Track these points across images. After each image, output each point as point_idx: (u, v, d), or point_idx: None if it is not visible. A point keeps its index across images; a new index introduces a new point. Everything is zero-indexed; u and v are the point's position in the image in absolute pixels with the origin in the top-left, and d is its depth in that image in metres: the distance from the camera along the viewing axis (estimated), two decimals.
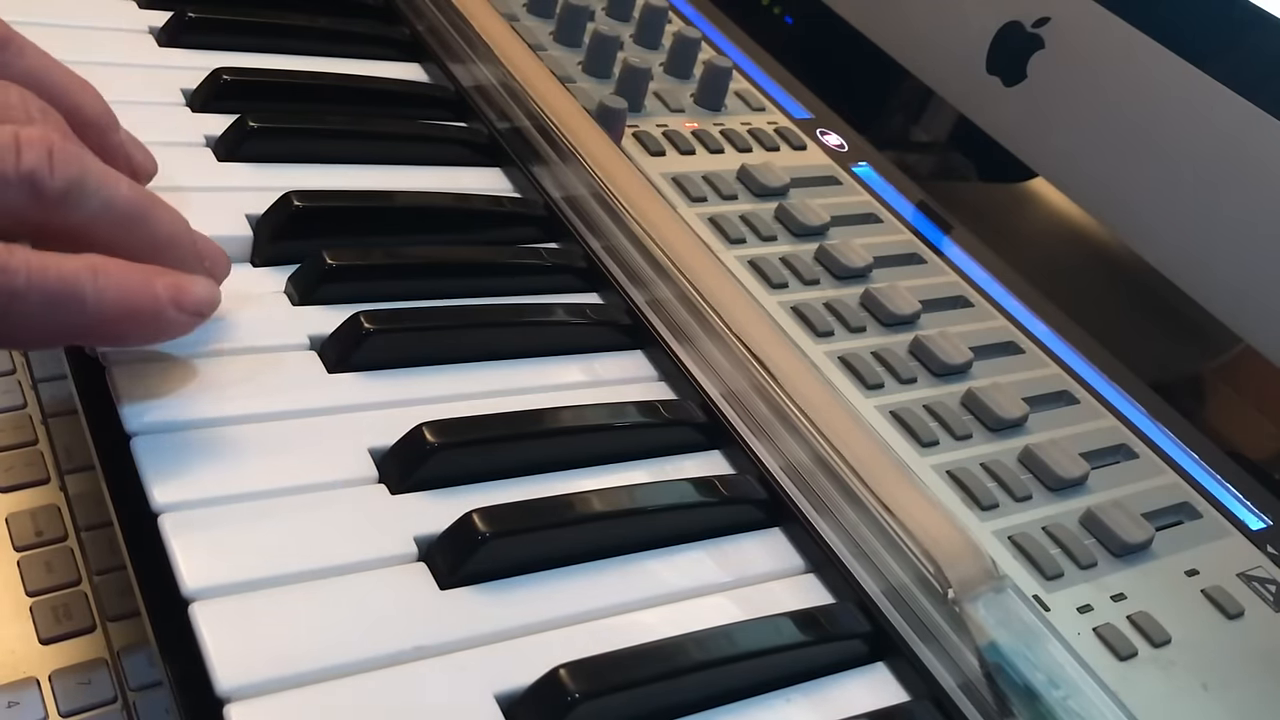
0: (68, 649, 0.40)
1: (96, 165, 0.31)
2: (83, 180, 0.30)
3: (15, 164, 0.29)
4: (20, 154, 0.29)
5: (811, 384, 0.38)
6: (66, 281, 0.29)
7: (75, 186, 0.30)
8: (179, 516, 0.30)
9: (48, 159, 0.29)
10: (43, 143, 0.29)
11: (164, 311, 0.31)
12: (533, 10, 0.57)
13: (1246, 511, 0.42)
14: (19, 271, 0.28)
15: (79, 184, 0.30)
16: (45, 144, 0.29)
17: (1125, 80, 0.50)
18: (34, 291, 0.29)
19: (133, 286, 0.31)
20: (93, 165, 0.30)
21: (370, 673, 0.28)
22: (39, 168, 0.29)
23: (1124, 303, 0.60)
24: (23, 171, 0.29)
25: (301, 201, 0.40)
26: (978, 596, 0.33)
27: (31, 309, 0.29)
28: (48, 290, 0.29)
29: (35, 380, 0.49)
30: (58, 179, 0.29)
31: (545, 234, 0.46)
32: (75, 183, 0.30)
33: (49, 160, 0.29)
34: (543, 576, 0.32)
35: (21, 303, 0.28)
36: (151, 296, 0.31)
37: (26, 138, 0.29)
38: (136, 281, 0.31)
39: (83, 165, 0.30)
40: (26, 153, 0.29)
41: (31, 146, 0.29)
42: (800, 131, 0.55)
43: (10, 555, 0.42)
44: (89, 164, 0.30)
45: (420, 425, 0.34)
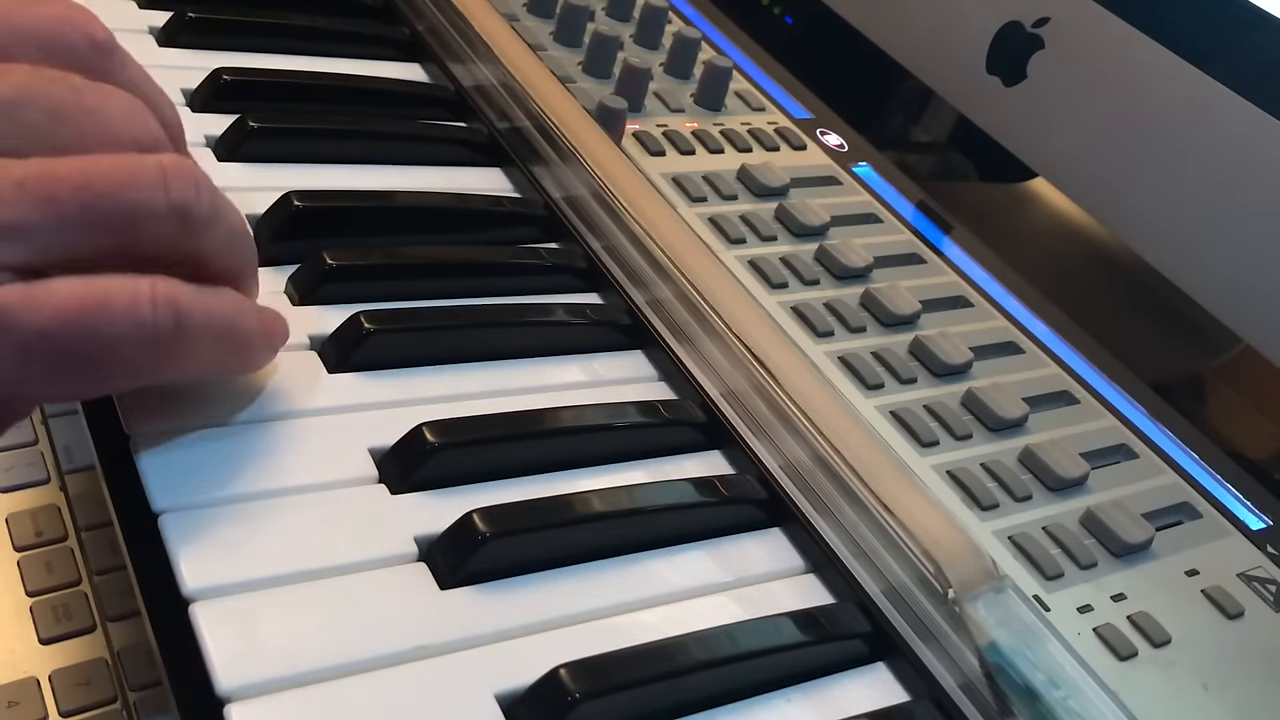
0: (68, 649, 0.40)
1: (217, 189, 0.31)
2: (216, 206, 0.30)
3: (165, 197, 0.28)
4: (169, 186, 0.29)
5: (811, 384, 0.38)
6: (230, 321, 0.30)
7: (214, 214, 0.30)
8: (179, 516, 0.30)
9: (194, 189, 0.29)
10: (189, 171, 0.29)
11: (265, 351, 0.33)
12: (533, 10, 0.57)
13: (1246, 511, 0.42)
14: (197, 313, 0.29)
15: (213, 211, 0.30)
16: (191, 173, 0.29)
17: (1125, 80, 0.50)
18: (210, 329, 0.29)
19: (259, 327, 0.32)
20: (217, 190, 0.30)
21: (370, 672, 0.28)
22: (189, 198, 0.29)
23: (1124, 303, 0.60)
24: (174, 203, 0.29)
25: (301, 201, 0.40)
26: (978, 596, 0.33)
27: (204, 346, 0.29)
28: (216, 330, 0.30)
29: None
30: (203, 207, 0.29)
31: (545, 234, 0.46)
32: (215, 210, 0.30)
33: (195, 190, 0.29)
34: (543, 576, 0.32)
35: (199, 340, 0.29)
36: (268, 336, 0.33)
37: (172, 167, 0.29)
38: (256, 321, 0.32)
39: (214, 191, 0.30)
40: (174, 185, 0.29)
41: (179, 177, 0.29)
42: (800, 131, 0.55)
43: (10, 555, 0.42)
44: (216, 189, 0.30)
45: (420, 425, 0.34)
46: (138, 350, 0.28)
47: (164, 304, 0.28)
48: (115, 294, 0.27)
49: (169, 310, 0.28)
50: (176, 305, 0.28)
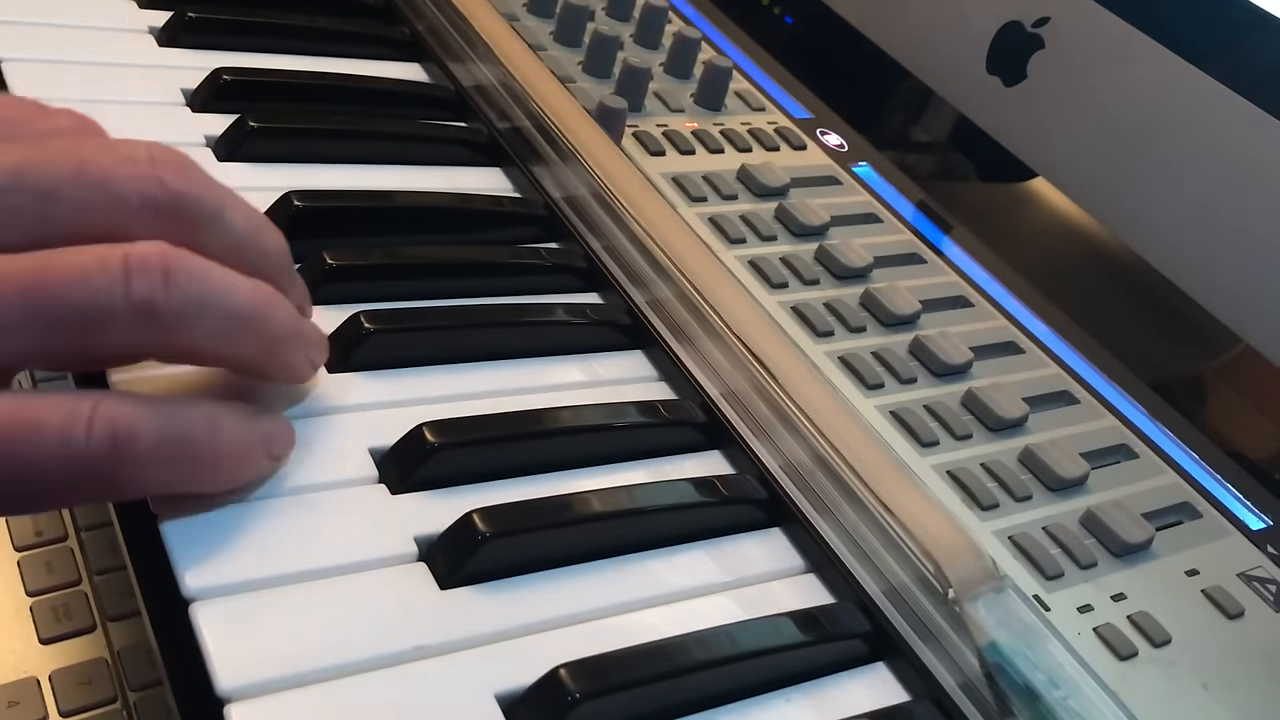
0: (68, 649, 0.40)
1: (215, 274, 0.28)
2: (200, 298, 0.27)
3: (125, 294, 0.26)
4: (130, 281, 0.26)
5: (811, 384, 0.38)
6: (192, 443, 0.28)
7: (191, 307, 0.27)
8: (179, 516, 0.30)
9: (162, 281, 0.26)
10: (157, 261, 0.26)
11: (260, 463, 0.31)
12: (533, 10, 0.57)
13: (1246, 511, 0.42)
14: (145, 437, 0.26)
15: (196, 304, 0.27)
16: (159, 263, 0.26)
17: (1125, 80, 0.50)
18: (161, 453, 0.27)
19: (243, 440, 0.29)
20: (212, 276, 0.28)
21: (370, 673, 0.28)
22: (152, 294, 0.26)
23: (1124, 303, 0.60)
24: (135, 300, 0.26)
25: (302, 201, 0.40)
26: (978, 596, 0.33)
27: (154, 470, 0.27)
28: (172, 453, 0.27)
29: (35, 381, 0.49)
30: (173, 301, 0.27)
31: (545, 234, 0.46)
32: (192, 302, 0.27)
33: (164, 282, 0.26)
34: (543, 576, 0.32)
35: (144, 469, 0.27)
36: (252, 449, 0.30)
37: (138, 259, 0.26)
38: (245, 433, 0.30)
39: (204, 280, 0.27)
40: (138, 278, 0.26)
41: (145, 270, 0.26)
42: (800, 131, 0.55)
43: (10, 555, 0.42)
44: (208, 276, 0.28)
45: (420, 425, 0.34)
46: (68, 479, 0.26)
47: (101, 428, 0.26)
48: (47, 418, 0.25)
49: (105, 436, 0.26)
50: (114, 430, 0.26)
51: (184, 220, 0.29)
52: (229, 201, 0.30)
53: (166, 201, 0.28)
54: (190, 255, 0.28)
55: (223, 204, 0.30)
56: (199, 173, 0.29)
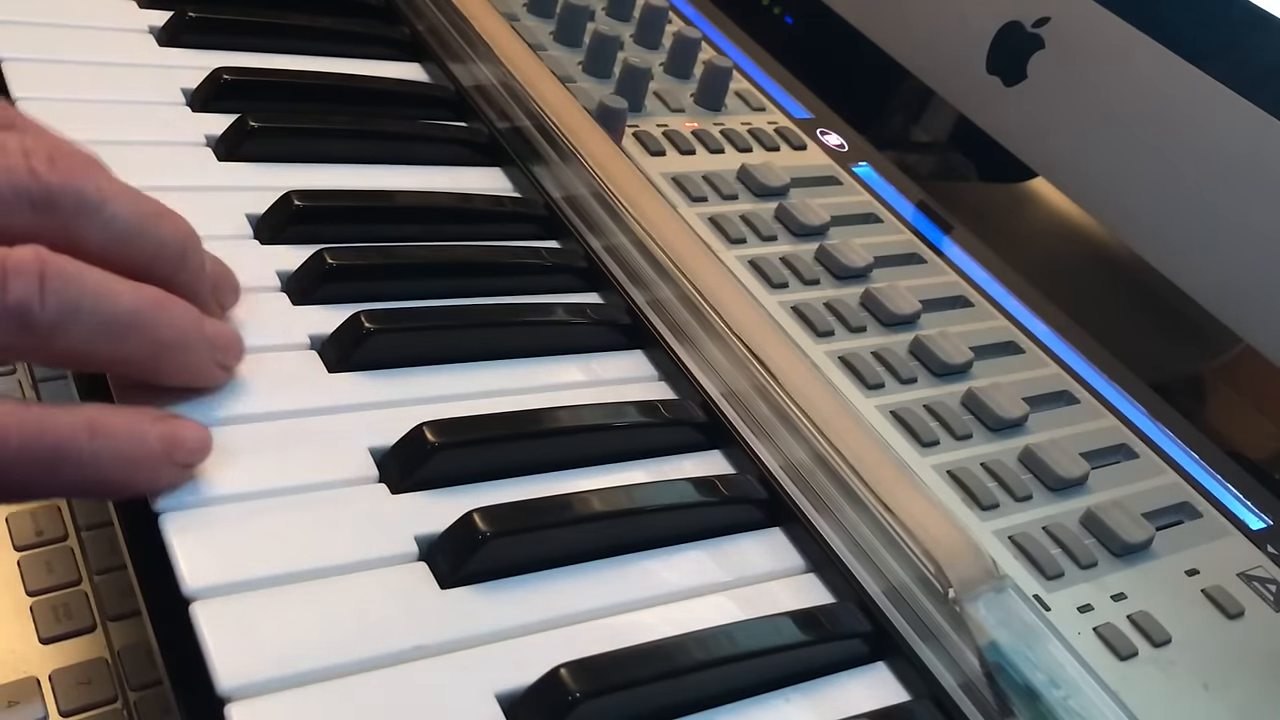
0: (68, 649, 0.40)
1: (93, 280, 0.28)
2: (78, 303, 0.27)
3: (1, 297, 0.26)
4: (6, 285, 0.26)
5: (811, 384, 0.38)
6: (61, 448, 0.27)
7: (69, 313, 0.27)
8: (179, 516, 0.30)
9: (37, 287, 0.26)
10: (33, 266, 0.27)
11: (158, 468, 0.30)
12: (533, 10, 0.57)
13: (1246, 511, 0.42)
14: (9, 438, 0.26)
15: (73, 309, 0.27)
16: (36, 267, 0.27)
17: (1125, 80, 0.50)
18: (25, 457, 0.27)
19: (129, 445, 0.29)
20: (89, 282, 0.28)
21: (371, 672, 0.28)
22: (27, 299, 0.26)
23: (1124, 303, 0.60)
24: (10, 305, 0.26)
25: (301, 201, 0.40)
26: (978, 596, 0.33)
27: (21, 474, 0.27)
28: (40, 456, 0.27)
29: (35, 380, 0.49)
30: (49, 308, 0.27)
31: (545, 233, 0.46)
32: (69, 308, 0.27)
33: (39, 287, 0.26)
34: (543, 576, 0.32)
35: (8, 470, 0.26)
36: (147, 454, 0.29)
37: (15, 263, 0.26)
38: (133, 438, 0.29)
39: (80, 285, 0.27)
40: (14, 282, 0.26)
41: (20, 274, 0.26)
42: (800, 131, 0.55)
43: (10, 555, 0.42)
44: (86, 282, 0.28)
45: (420, 425, 0.34)
46: None
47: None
48: None
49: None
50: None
51: (60, 213, 0.28)
52: (112, 192, 0.29)
53: (40, 194, 0.28)
54: (68, 260, 0.27)
55: (103, 195, 0.29)
56: (79, 162, 0.29)
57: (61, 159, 0.29)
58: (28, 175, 0.28)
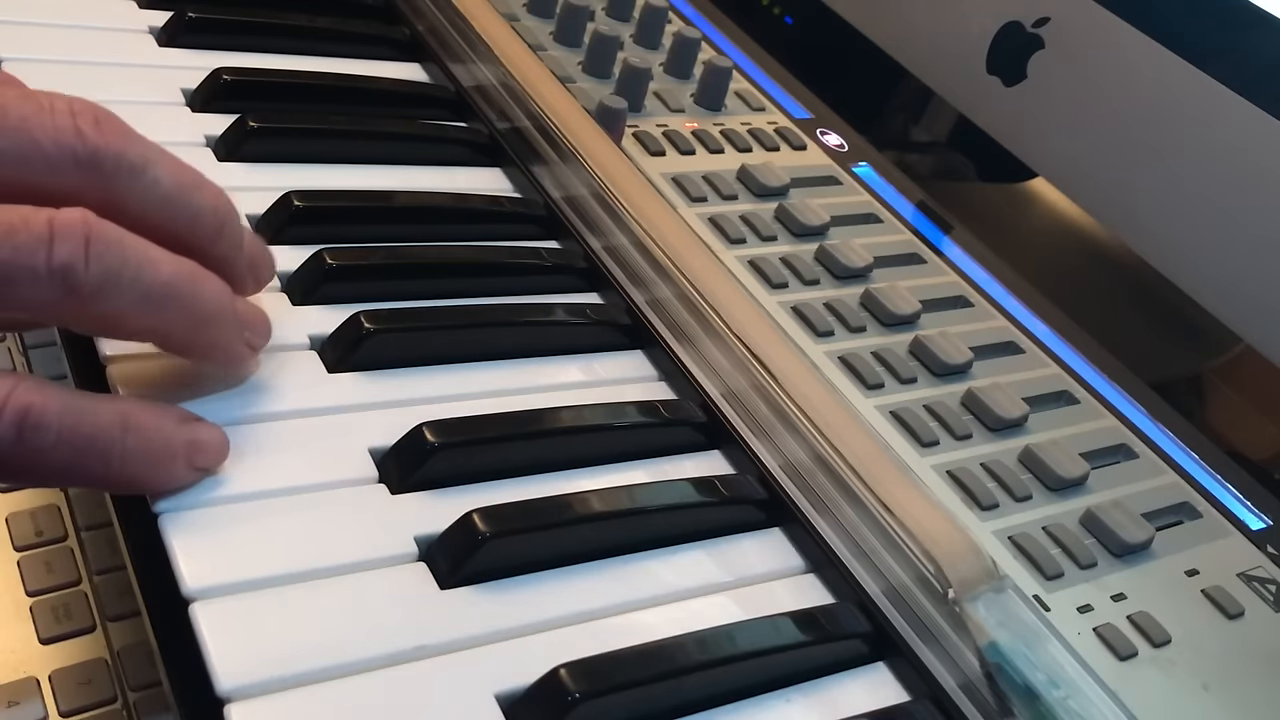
0: (68, 649, 0.40)
1: (136, 247, 0.28)
2: (120, 270, 0.27)
3: (47, 257, 0.26)
4: (53, 246, 0.26)
5: (811, 384, 0.38)
6: (98, 440, 0.28)
7: (112, 278, 0.27)
8: (179, 516, 0.30)
9: (83, 250, 0.26)
10: (80, 229, 0.27)
11: (178, 470, 0.30)
12: (533, 10, 0.57)
13: (1246, 511, 0.42)
14: (50, 428, 0.26)
15: (115, 275, 0.27)
16: (82, 231, 0.27)
17: (1125, 80, 0.50)
18: (62, 448, 0.27)
19: (158, 444, 0.29)
20: (132, 249, 0.28)
21: (370, 672, 0.28)
22: (73, 261, 0.26)
23: (1124, 303, 0.60)
24: (55, 266, 0.26)
25: (301, 201, 0.40)
26: (978, 596, 0.33)
27: (54, 463, 0.27)
28: (77, 448, 0.27)
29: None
30: (93, 272, 0.27)
31: (545, 234, 0.46)
32: (112, 274, 0.27)
33: (84, 251, 0.26)
34: (543, 576, 0.32)
35: (46, 458, 0.27)
36: (171, 455, 0.29)
37: (62, 225, 0.26)
38: (162, 438, 0.29)
39: (122, 251, 0.27)
40: (60, 245, 0.26)
41: (67, 237, 0.26)
42: (800, 131, 0.55)
43: (10, 555, 0.42)
44: (129, 248, 0.28)
45: (420, 425, 0.34)
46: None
47: (11, 414, 0.26)
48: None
49: (13, 421, 0.26)
50: (23, 417, 0.26)
51: (104, 174, 0.28)
52: (155, 158, 0.30)
53: (85, 154, 0.28)
54: (112, 226, 0.28)
55: (147, 159, 0.29)
56: (121, 126, 0.29)
57: (106, 122, 0.29)
58: (74, 135, 0.28)
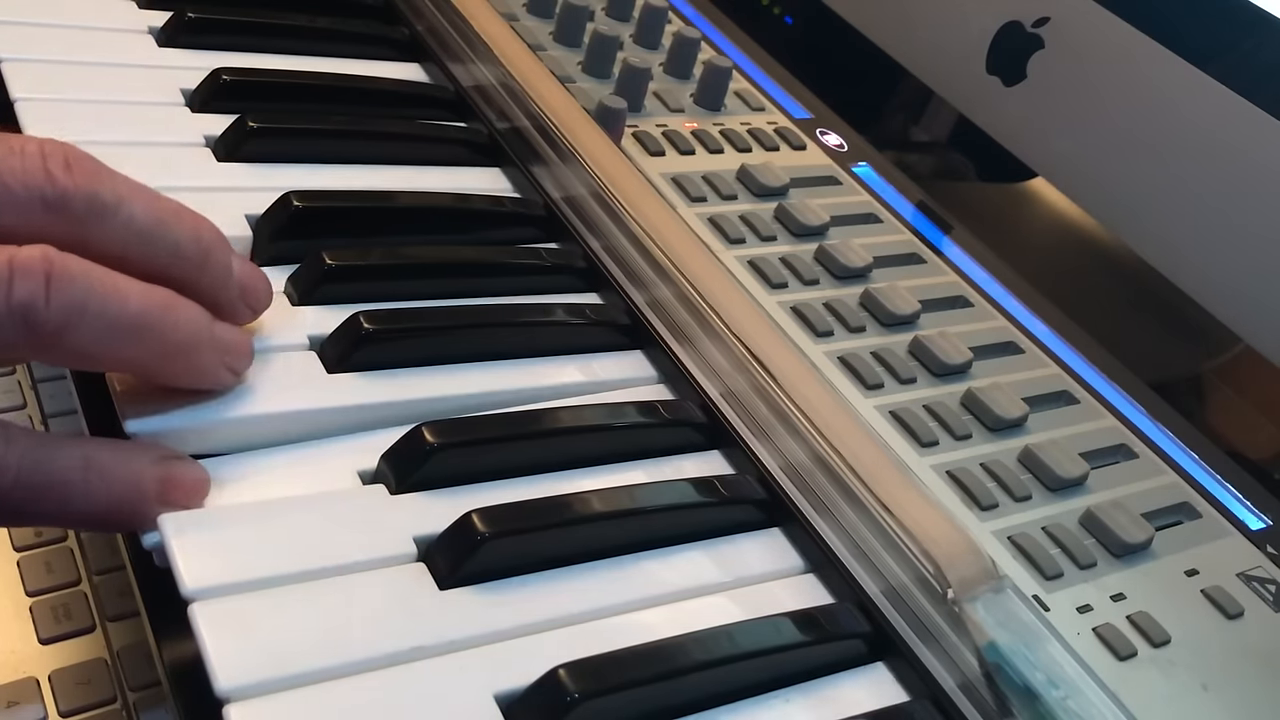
0: (68, 649, 0.40)
1: (102, 280, 0.28)
2: (84, 305, 0.27)
3: (6, 296, 0.26)
4: (12, 284, 0.26)
5: (811, 384, 0.38)
6: (54, 484, 0.28)
7: (75, 313, 0.27)
8: (178, 517, 0.30)
9: (43, 287, 0.26)
10: (39, 266, 0.26)
11: (149, 509, 0.30)
12: (533, 10, 0.57)
13: (1246, 511, 0.42)
14: (7, 471, 0.27)
15: (79, 310, 0.27)
16: (42, 268, 0.26)
17: (1125, 80, 0.50)
18: (19, 489, 0.27)
19: (121, 485, 0.29)
20: (98, 282, 0.28)
21: (370, 673, 0.28)
22: (32, 299, 0.26)
23: (1124, 303, 0.60)
24: (15, 304, 0.26)
25: (301, 201, 0.40)
26: (977, 596, 0.33)
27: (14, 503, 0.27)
28: (35, 488, 0.27)
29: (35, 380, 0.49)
30: (54, 309, 0.27)
31: (545, 234, 0.46)
32: (75, 309, 0.27)
33: (45, 288, 0.26)
34: (543, 576, 0.32)
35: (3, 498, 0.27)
36: (140, 496, 0.29)
37: (21, 263, 0.26)
38: (127, 479, 0.29)
39: (87, 285, 0.27)
40: (20, 282, 0.26)
41: (27, 274, 0.26)
42: (800, 131, 0.55)
43: (10, 555, 0.42)
44: (93, 283, 0.27)
45: (420, 425, 0.34)
46: None
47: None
48: None
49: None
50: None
51: (74, 216, 0.28)
52: (127, 194, 0.29)
53: (54, 196, 0.28)
54: (76, 260, 0.27)
55: (119, 197, 0.29)
56: (93, 166, 0.29)
57: (77, 163, 0.28)
58: (43, 176, 0.28)
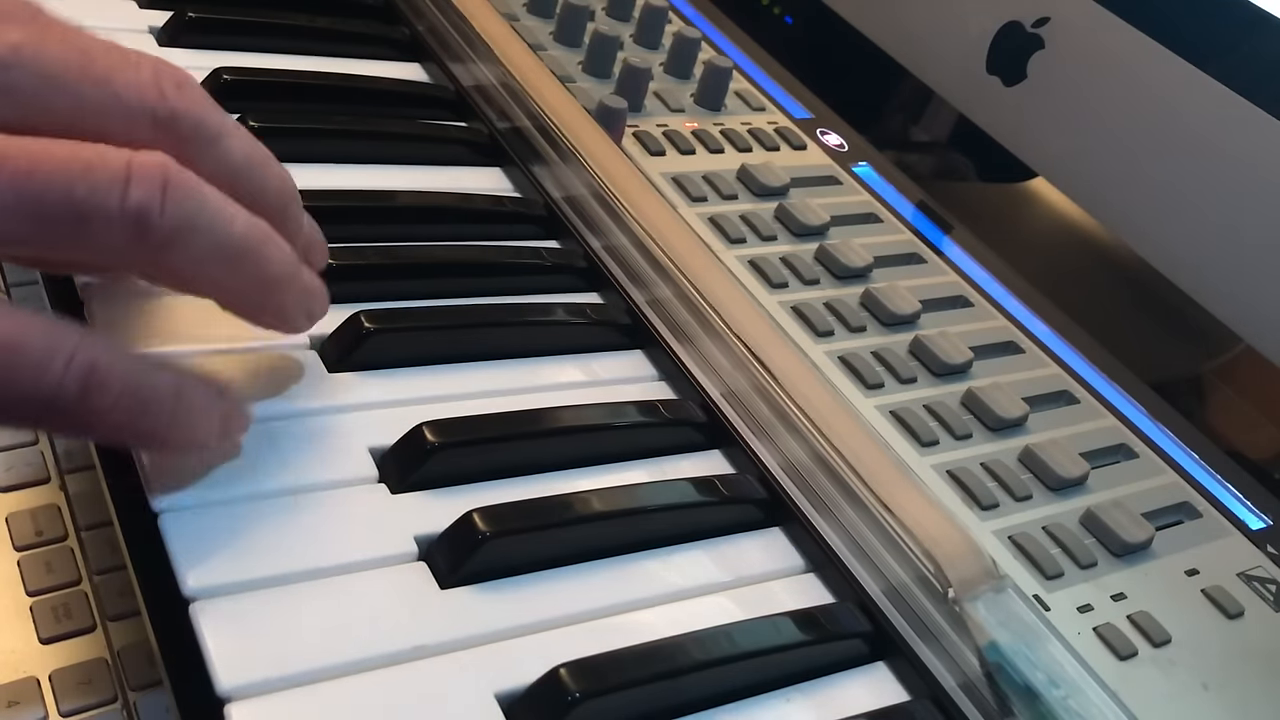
0: (68, 649, 0.40)
1: (213, 199, 0.27)
2: (195, 218, 0.27)
3: (122, 198, 0.25)
4: (129, 186, 0.25)
5: (811, 384, 0.38)
6: (151, 407, 0.27)
7: (186, 225, 0.26)
8: (179, 516, 0.30)
9: (159, 194, 0.26)
10: (158, 173, 0.26)
11: (211, 439, 0.30)
12: (533, 10, 0.57)
13: (1246, 511, 0.42)
14: (111, 389, 0.26)
15: (190, 223, 0.27)
16: (160, 175, 0.26)
17: (1125, 80, 0.50)
18: (119, 411, 0.26)
19: (203, 419, 0.29)
20: (210, 200, 0.27)
21: (370, 672, 0.28)
22: (149, 203, 0.26)
23: (1124, 303, 0.60)
24: (129, 207, 0.25)
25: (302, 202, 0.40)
26: (978, 596, 0.33)
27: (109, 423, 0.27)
28: (132, 411, 0.27)
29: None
30: (168, 217, 0.26)
31: (545, 233, 0.46)
32: (187, 221, 0.26)
33: (160, 195, 0.26)
34: (543, 576, 0.32)
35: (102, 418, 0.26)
36: (210, 431, 0.29)
37: (140, 166, 0.26)
38: (208, 414, 0.29)
39: (200, 200, 0.27)
40: (136, 186, 0.25)
41: (145, 179, 0.26)
42: (800, 131, 0.55)
43: (10, 555, 0.42)
44: (206, 199, 0.27)
45: (420, 425, 0.34)
46: (30, 403, 0.25)
47: (78, 368, 0.25)
48: (30, 343, 0.25)
49: (79, 376, 0.25)
50: (89, 373, 0.25)
51: (180, 137, 0.28)
52: (230, 130, 0.29)
53: (165, 114, 0.28)
54: (192, 175, 0.27)
55: (222, 129, 0.29)
56: (201, 93, 0.29)
57: (188, 86, 0.28)
58: (156, 93, 0.28)
